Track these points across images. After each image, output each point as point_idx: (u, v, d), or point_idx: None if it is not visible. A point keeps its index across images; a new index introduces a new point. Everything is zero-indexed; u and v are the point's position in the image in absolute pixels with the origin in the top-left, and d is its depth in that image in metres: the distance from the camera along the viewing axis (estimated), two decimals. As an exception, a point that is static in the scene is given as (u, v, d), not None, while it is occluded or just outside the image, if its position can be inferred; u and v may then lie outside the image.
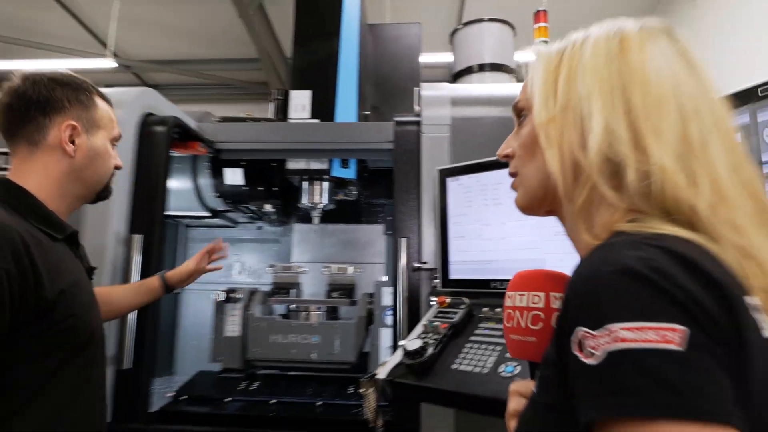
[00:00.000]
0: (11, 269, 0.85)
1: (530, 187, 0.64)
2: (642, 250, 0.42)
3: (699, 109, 0.53)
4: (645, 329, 0.38)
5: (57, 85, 1.09)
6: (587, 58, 0.57)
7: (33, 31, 6.75)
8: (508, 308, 0.65)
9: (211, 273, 2.98)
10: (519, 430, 0.56)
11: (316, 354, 1.97)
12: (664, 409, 0.36)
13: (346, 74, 2.49)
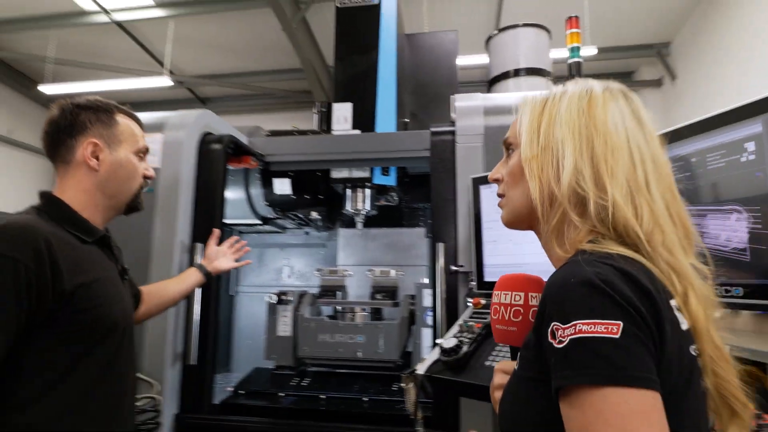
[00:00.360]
0: (30, 264, 0.96)
1: (515, 208, 0.80)
2: (597, 267, 0.59)
3: (644, 157, 0.69)
4: (596, 323, 0.55)
5: (81, 110, 1.20)
6: (563, 111, 0.72)
7: (99, 55, 7.31)
8: (495, 304, 0.82)
9: (262, 276, 3.20)
10: (505, 398, 0.71)
11: (362, 353, 2.09)
12: (607, 378, 0.53)
13: (385, 86, 2.60)
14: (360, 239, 3.00)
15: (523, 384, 0.67)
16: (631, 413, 0.52)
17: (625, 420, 0.51)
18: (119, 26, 6.68)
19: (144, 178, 1.29)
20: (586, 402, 0.54)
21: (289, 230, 3.20)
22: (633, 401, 0.52)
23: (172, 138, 1.92)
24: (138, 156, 1.27)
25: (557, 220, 0.71)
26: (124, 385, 1.18)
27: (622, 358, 0.53)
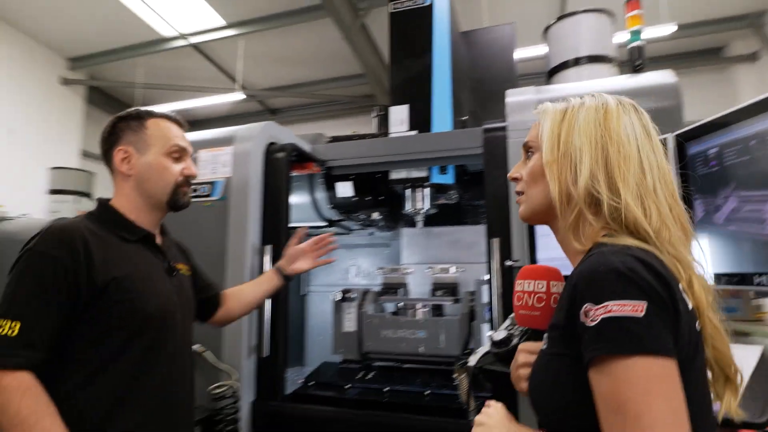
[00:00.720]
0: (66, 261, 1.07)
1: (533, 205, 0.89)
2: (621, 257, 0.68)
3: (652, 165, 0.78)
4: (625, 304, 0.64)
5: (117, 121, 1.31)
6: (582, 121, 0.81)
7: (180, 77, 7.96)
8: (518, 292, 0.92)
9: (331, 275, 3.34)
10: (535, 374, 0.81)
11: (423, 348, 2.14)
12: (634, 348, 0.63)
13: (440, 86, 2.64)
14: (422, 238, 3.06)
15: (553, 360, 0.75)
16: (653, 377, 0.62)
17: (648, 382, 0.61)
18: (195, 48, 7.23)
19: (184, 176, 1.32)
20: (616, 369, 0.63)
21: (354, 231, 3.32)
22: (655, 367, 0.62)
23: (241, 149, 2.09)
24: (171, 156, 1.30)
25: (574, 218, 0.80)
26: (170, 375, 1.22)
27: (646, 332, 0.62)
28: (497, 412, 0.87)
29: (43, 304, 1.06)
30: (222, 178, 2.10)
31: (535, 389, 0.80)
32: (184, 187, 1.32)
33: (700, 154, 1.11)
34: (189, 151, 1.36)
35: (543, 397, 0.77)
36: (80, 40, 7.22)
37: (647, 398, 0.60)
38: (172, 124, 1.35)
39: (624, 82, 1.71)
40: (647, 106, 1.59)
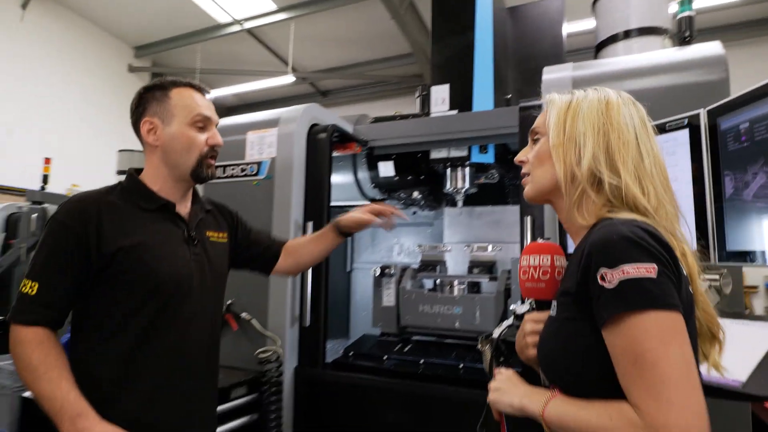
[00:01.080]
0: (77, 228, 1.13)
1: (539, 185, 0.95)
2: (630, 227, 0.75)
3: (648, 151, 0.86)
4: (639, 267, 0.71)
5: (143, 92, 1.29)
6: (585, 110, 0.89)
7: (233, 61, 8.25)
8: (524, 266, 0.98)
9: (375, 254, 3.44)
10: (545, 340, 0.88)
11: (459, 323, 2.19)
12: (650, 304, 0.70)
13: (482, 64, 2.62)
14: (465, 217, 3.08)
15: (565, 324, 0.82)
16: (667, 329, 0.69)
17: (663, 333, 0.69)
18: (249, 33, 7.46)
19: (209, 146, 1.30)
20: (635, 324, 0.70)
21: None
22: (668, 320, 0.70)
23: (285, 131, 2.20)
24: (195, 126, 1.28)
25: (578, 195, 0.87)
26: (185, 341, 1.23)
27: (659, 290, 0.70)
28: (509, 376, 0.94)
29: (58, 268, 1.13)
30: (268, 158, 2.22)
31: (547, 354, 0.86)
32: (208, 159, 1.30)
33: (731, 130, 1.07)
34: (214, 120, 1.33)
35: (555, 360, 0.84)
36: (145, 29, 7.64)
37: (664, 347, 0.68)
38: (196, 92, 1.32)
39: (668, 55, 1.64)
40: (692, 80, 1.54)
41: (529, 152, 0.98)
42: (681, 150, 1.22)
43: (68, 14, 7.07)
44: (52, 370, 1.08)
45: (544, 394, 0.83)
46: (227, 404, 1.80)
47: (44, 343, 1.09)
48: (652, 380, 0.67)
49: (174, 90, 1.28)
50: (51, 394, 1.06)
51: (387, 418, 1.91)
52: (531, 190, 0.97)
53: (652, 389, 0.67)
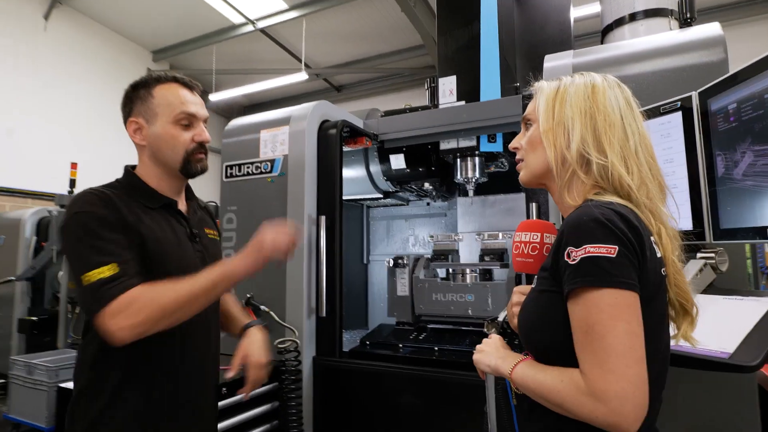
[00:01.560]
0: (107, 213, 1.13)
1: (533, 168, 1.00)
2: (602, 210, 0.80)
3: (633, 131, 0.90)
4: (600, 246, 0.77)
5: (129, 91, 1.28)
6: (572, 95, 0.93)
7: (248, 61, 8.37)
8: (516, 242, 1.05)
9: (391, 245, 3.50)
10: (525, 310, 0.94)
11: (472, 310, 2.24)
12: (605, 281, 0.75)
13: (488, 54, 2.64)
14: (477, 207, 3.11)
15: (541, 296, 0.89)
16: (618, 305, 0.75)
17: (613, 309, 0.74)
18: (263, 32, 7.55)
19: (196, 143, 1.28)
20: (590, 298, 0.76)
21: (411, 202, 3.44)
22: (621, 298, 0.75)
23: (296, 128, 2.27)
24: (180, 124, 1.26)
25: (568, 177, 0.92)
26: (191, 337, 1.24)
27: (616, 269, 0.75)
28: (494, 341, 1.03)
29: (114, 241, 1.11)
30: (281, 155, 2.30)
31: (524, 322, 0.93)
32: (196, 154, 1.28)
33: (720, 111, 1.09)
34: (200, 116, 1.30)
35: (531, 329, 0.91)
36: (162, 33, 7.81)
37: (612, 322, 0.74)
38: (182, 88, 1.28)
39: (668, 38, 1.64)
40: (692, 62, 1.54)
41: (522, 139, 1.03)
42: (675, 132, 1.24)
43: (88, 22, 7.28)
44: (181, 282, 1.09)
45: (517, 357, 0.91)
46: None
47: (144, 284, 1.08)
48: (599, 350, 0.73)
49: (157, 87, 1.26)
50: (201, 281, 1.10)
51: (403, 404, 1.98)
52: (525, 174, 1.01)
53: (597, 358, 0.73)
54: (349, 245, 3.37)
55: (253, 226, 2.31)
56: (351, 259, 3.38)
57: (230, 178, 2.44)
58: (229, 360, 1.32)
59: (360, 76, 9.17)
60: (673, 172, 1.24)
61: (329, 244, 2.14)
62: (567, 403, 0.76)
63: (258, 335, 1.37)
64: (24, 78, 6.27)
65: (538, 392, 0.82)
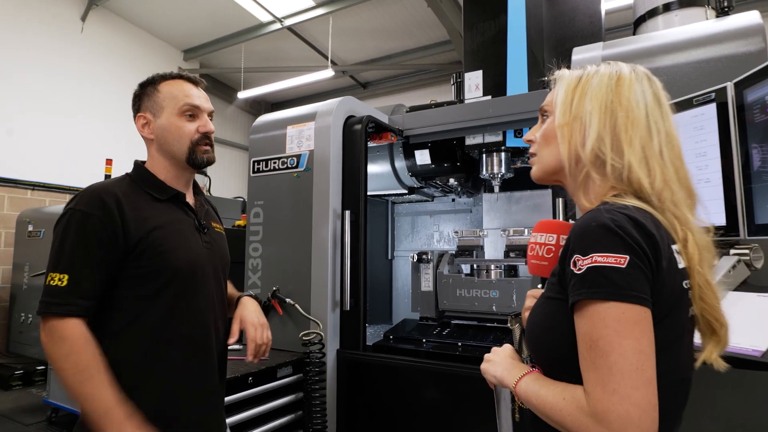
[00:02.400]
0: (99, 215, 1.13)
1: (546, 165, 0.93)
2: (613, 215, 0.73)
3: (659, 129, 0.82)
4: (608, 256, 0.70)
5: (138, 89, 1.34)
6: (594, 87, 0.85)
7: (276, 59, 8.47)
8: (532, 243, 0.98)
9: (416, 241, 3.50)
10: (532, 315, 0.89)
11: (496, 307, 2.22)
12: (612, 295, 0.69)
13: (515, 48, 2.60)
14: (503, 203, 3.08)
15: (548, 302, 0.83)
16: (625, 321, 0.68)
17: (620, 325, 0.68)
18: (290, 30, 7.63)
19: (201, 134, 1.31)
20: (595, 312, 0.70)
21: (436, 198, 3.43)
22: (629, 313, 0.69)
23: (322, 124, 2.29)
24: (184, 116, 1.30)
25: (582, 178, 0.86)
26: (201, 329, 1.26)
27: (625, 282, 0.69)
28: (503, 350, 0.98)
29: (87, 257, 1.12)
30: (306, 150, 2.33)
31: (530, 329, 0.88)
32: (201, 146, 1.31)
33: (758, 102, 1.05)
34: (204, 108, 1.33)
35: (537, 335, 0.85)
36: (192, 33, 7.97)
37: (618, 338, 0.68)
38: (186, 83, 1.33)
39: (703, 28, 1.59)
40: (728, 52, 1.49)
41: (537, 131, 0.96)
42: (709, 124, 1.20)
43: (123, 23, 7.50)
44: (97, 372, 1.07)
45: (523, 369, 0.86)
46: (274, 383, 1.93)
47: (90, 342, 1.09)
48: (602, 368, 0.68)
49: (163, 83, 1.31)
50: (96, 397, 1.06)
51: (426, 399, 1.98)
52: (537, 170, 0.95)
53: (600, 377, 0.68)
54: (374, 241, 3.39)
55: (280, 220, 2.39)
56: (376, 254, 3.40)
57: (257, 173, 2.48)
58: (275, 353, 1.36)
59: (385, 72, 9.16)
60: (706, 166, 1.20)
61: (354, 239, 2.16)
62: (567, 423, 0.71)
63: (250, 301, 1.43)
64: (62, 77, 6.51)
65: (540, 408, 0.78)
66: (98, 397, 1.06)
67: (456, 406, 1.93)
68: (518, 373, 0.86)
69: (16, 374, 4.51)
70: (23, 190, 5.84)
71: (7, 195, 5.69)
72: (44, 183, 6.06)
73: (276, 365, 1.95)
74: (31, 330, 4.40)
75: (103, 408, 1.05)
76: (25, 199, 5.81)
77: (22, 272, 4.65)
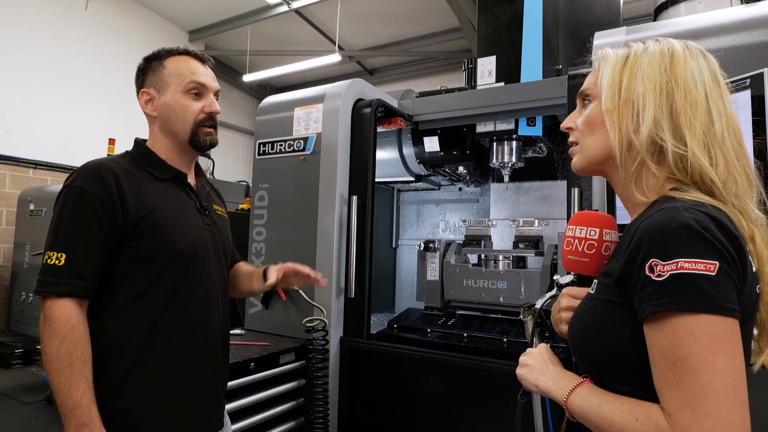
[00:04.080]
0: (98, 193, 1.10)
1: (590, 155, 0.85)
2: (695, 214, 0.66)
3: (720, 112, 0.74)
4: (697, 262, 0.63)
5: (143, 64, 1.29)
6: (645, 67, 0.77)
7: (282, 42, 8.36)
8: (569, 237, 0.90)
9: (421, 230, 3.46)
10: (579, 319, 0.81)
11: (503, 298, 2.18)
12: (703, 306, 0.62)
13: (531, 34, 2.53)
14: (512, 193, 3.03)
15: (601, 305, 0.76)
16: (718, 335, 0.62)
17: (712, 340, 0.62)
18: (297, 13, 7.51)
19: (206, 114, 1.27)
20: (681, 325, 0.63)
21: (443, 187, 3.38)
22: (721, 326, 0.62)
23: (330, 106, 2.23)
24: (190, 94, 1.26)
25: (635, 168, 0.77)
26: (203, 310, 1.24)
27: (716, 292, 0.62)
28: (541, 353, 0.90)
29: (85, 236, 1.09)
30: (314, 133, 2.27)
31: (578, 333, 0.80)
32: (204, 127, 1.27)
33: (798, 89, 1.00)
34: (210, 87, 1.29)
35: (585, 341, 0.78)
36: (198, 12, 7.86)
37: (711, 356, 0.61)
38: (192, 60, 1.29)
39: (732, 14, 1.52)
40: (759, 39, 1.42)
41: (577, 117, 0.87)
42: (742, 113, 1.14)
43: (127, 1, 7.39)
44: (76, 363, 1.04)
45: (573, 380, 0.79)
46: (276, 369, 1.90)
47: (75, 329, 1.06)
48: (692, 389, 0.61)
49: (169, 59, 1.27)
50: (67, 390, 1.03)
51: (429, 389, 1.95)
52: (580, 161, 0.86)
53: (689, 398, 0.61)
54: (379, 228, 3.34)
55: (285, 204, 2.34)
56: (380, 242, 3.36)
57: (263, 156, 2.43)
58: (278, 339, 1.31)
59: (393, 59, 9.05)
60: (737, 157, 1.14)
61: (360, 225, 2.11)
62: None
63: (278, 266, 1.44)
64: (65, 55, 6.42)
65: (602, 427, 0.70)
66: (69, 391, 1.03)
67: (459, 397, 1.90)
68: (568, 383, 0.78)
69: (16, 353, 4.50)
70: (25, 168, 5.80)
71: (9, 173, 5.64)
72: (46, 162, 6.01)
73: (278, 351, 1.92)
74: (32, 309, 4.39)
75: (69, 404, 1.03)
76: (26, 178, 5.77)
77: (23, 251, 4.62)
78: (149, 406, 1.13)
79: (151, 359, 1.15)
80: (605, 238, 0.87)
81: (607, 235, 0.87)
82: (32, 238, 4.54)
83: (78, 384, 1.03)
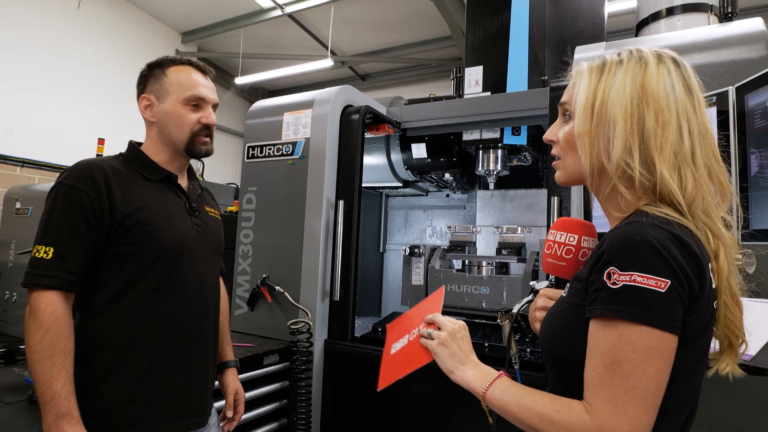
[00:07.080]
0: (88, 191, 1.13)
1: (570, 172, 0.87)
2: (657, 232, 0.69)
3: (692, 128, 0.75)
4: (650, 278, 0.67)
5: (145, 69, 1.33)
6: (617, 86, 0.77)
7: (275, 46, 8.40)
8: (549, 241, 0.94)
9: (408, 235, 3.50)
10: (550, 318, 0.85)
11: (486, 303, 2.22)
12: (645, 319, 0.67)
13: (517, 45, 2.59)
14: (497, 200, 3.08)
15: (570, 309, 0.79)
16: (655, 348, 0.67)
17: (648, 352, 0.67)
18: (290, 18, 7.56)
19: (202, 125, 1.31)
20: (624, 332, 0.68)
21: (430, 193, 3.42)
22: (660, 341, 0.67)
23: (319, 112, 2.26)
24: (189, 105, 1.30)
25: (608, 191, 0.80)
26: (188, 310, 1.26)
27: (661, 308, 0.66)
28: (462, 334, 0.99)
29: (73, 232, 1.12)
30: (302, 138, 2.30)
31: (547, 332, 0.84)
32: (201, 137, 1.32)
33: (758, 107, 1.05)
34: (209, 100, 1.33)
35: (553, 341, 0.81)
36: (191, 15, 7.88)
37: (643, 365, 0.66)
38: (194, 71, 1.33)
39: (706, 32, 1.59)
40: (730, 57, 1.49)
41: (558, 130, 0.89)
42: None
43: (120, 2, 7.38)
44: (58, 355, 1.06)
45: (491, 373, 0.84)
46: (260, 370, 1.92)
47: (59, 321, 1.08)
48: (619, 389, 0.67)
49: (171, 68, 1.31)
50: (48, 381, 1.05)
51: (411, 391, 1.98)
52: (562, 176, 0.89)
53: (615, 396, 0.67)
54: (366, 233, 3.38)
55: (273, 207, 2.36)
56: (367, 247, 3.39)
57: (252, 159, 2.45)
58: (262, 340, 1.33)
59: (385, 65, 9.13)
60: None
61: (346, 229, 2.14)
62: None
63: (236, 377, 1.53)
64: (55, 54, 6.40)
65: (522, 418, 0.75)
66: (49, 381, 1.05)
67: (441, 400, 1.93)
68: (487, 376, 0.83)
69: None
70: (12, 166, 5.76)
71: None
72: (34, 160, 5.98)
73: (263, 353, 1.94)
74: (15, 308, 4.33)
75: (49, 395, 1.05)
76: (13, 176, 5.73)
77: (8, 249, 4.57)
78: (131, 400, 1.15)
79: (135, 355, 1.17)
80: (583, 245, 0.91)
81: (585, 242, 0.91)
82: (18, 236, 4.48)
83: (59, 375, 1.05)
